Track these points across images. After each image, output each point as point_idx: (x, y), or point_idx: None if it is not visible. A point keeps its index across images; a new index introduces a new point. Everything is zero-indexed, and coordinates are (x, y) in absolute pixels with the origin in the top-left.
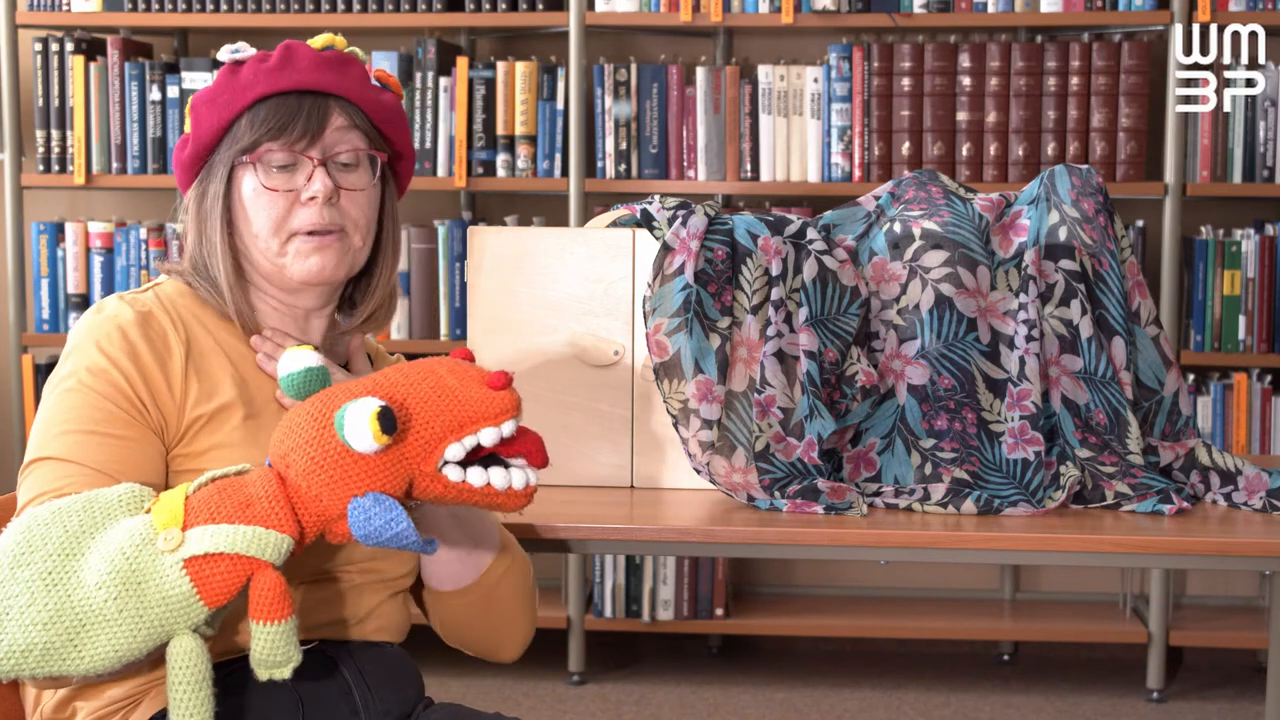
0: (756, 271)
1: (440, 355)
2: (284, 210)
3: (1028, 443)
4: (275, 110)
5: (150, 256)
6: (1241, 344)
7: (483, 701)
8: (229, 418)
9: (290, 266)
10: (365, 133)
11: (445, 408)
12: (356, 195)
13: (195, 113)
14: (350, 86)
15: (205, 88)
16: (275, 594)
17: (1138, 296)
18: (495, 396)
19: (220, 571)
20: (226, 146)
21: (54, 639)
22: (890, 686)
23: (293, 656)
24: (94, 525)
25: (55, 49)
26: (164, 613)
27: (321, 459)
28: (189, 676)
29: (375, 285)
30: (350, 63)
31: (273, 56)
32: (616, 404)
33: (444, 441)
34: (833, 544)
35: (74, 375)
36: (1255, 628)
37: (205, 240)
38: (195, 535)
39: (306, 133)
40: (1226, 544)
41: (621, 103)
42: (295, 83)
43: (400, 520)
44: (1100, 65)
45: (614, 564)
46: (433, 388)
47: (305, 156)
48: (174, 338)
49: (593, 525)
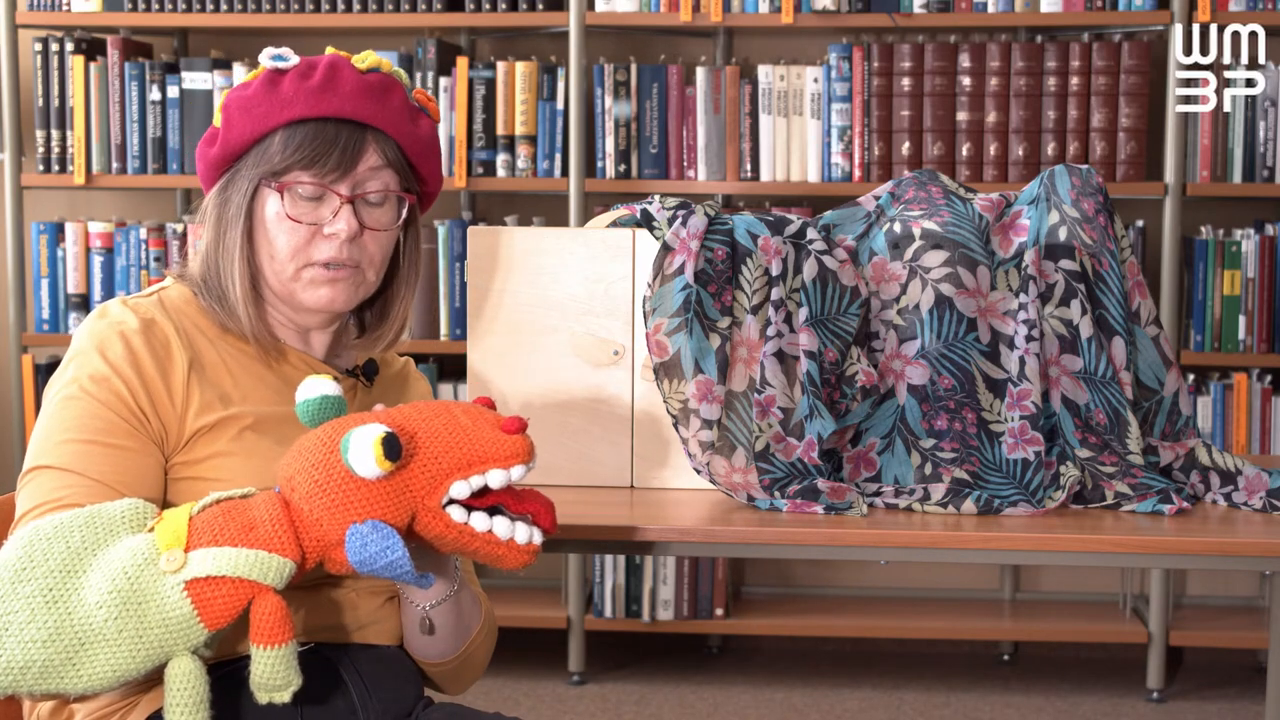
0: (756, 271)
1: (453, 400)
2: (304, 240)
3: (1028, 443)
4: (311, 137)
5: (150, 257)
6: (1241, 344)
7: (483, 701)
8: (229, 428)
9: (300, 293)
10: (398, 171)
11: (455, 444)
12: (379, 234)
13: (228, 113)
14: (390, 119)
15: (242, 89)
16: (276, 618)
17: (1138, 296)
18: (507, 440)
19: (221, 595)
20: (254, 160)
21: (53, 657)
22: (890, 686)
23: (292, 680)
24: (97, 542)
25: (55, 49)
26: (164, 634)
27: (325, 483)
28: (187, 699)
29: (394, 315)
30: (393, 88)
31: (316, 73)
32: (616, 404)
33: (451, 478)
34: (833, 544)
35: (76, 382)
36: (1255, 628)
37: (223, 250)
38: (197, 557)
39: (339, 166)
40: (1226, 544)
41: (621, 103)
42: (335, 110)
43: (396, 549)
44: (1100, 65)
45: (614, 564)
46: (445, 424)
47: (333, 191)
48: (177, 346)
49: (593, 525)
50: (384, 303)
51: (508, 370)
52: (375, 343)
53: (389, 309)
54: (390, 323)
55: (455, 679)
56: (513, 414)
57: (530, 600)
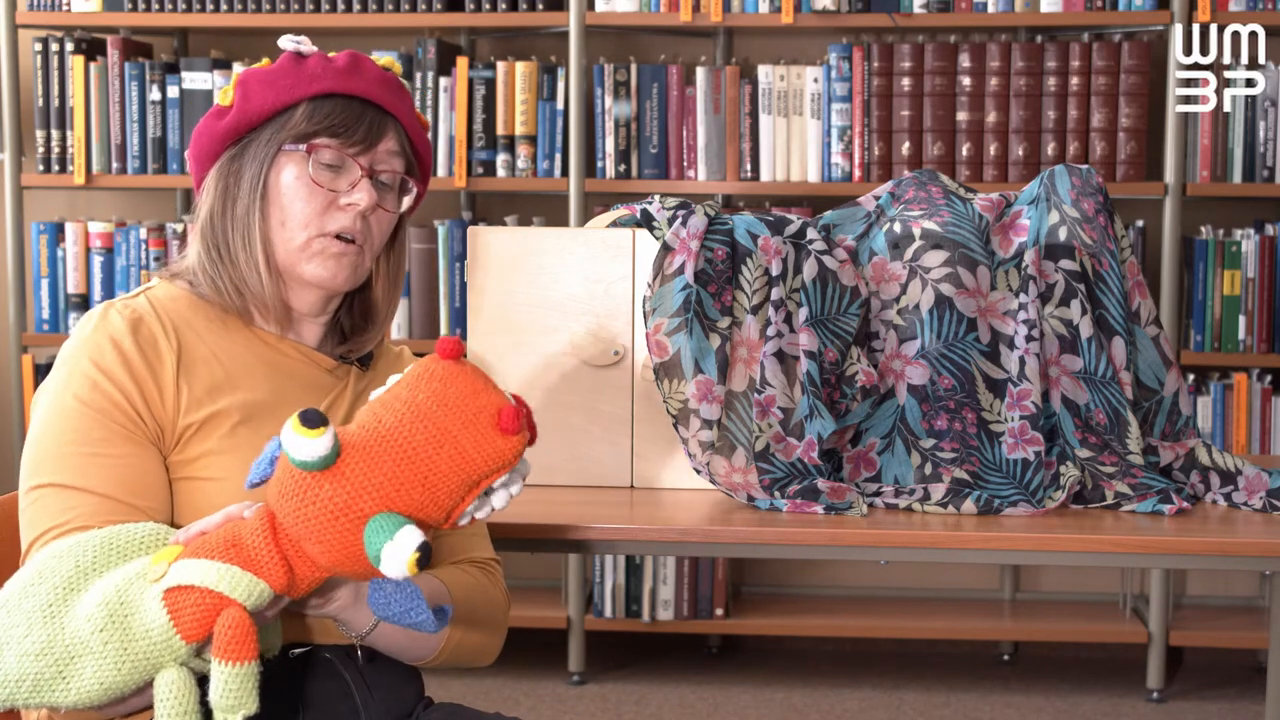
0: (756, 271)
1: (440, 389)
2: (321, 207)
3: (1028, 443)
4: (340, 109)
5: (150, 256)
6: (1241, 344)
7: (483, 701)
8: (220, 424)
9: (305, 264)
10: (408, 161)
11: (464, 476)
12: (384, 216)
13: (244, 87)
14: (405, 112)
15: (259, 67)
16: (238, 633)
17: (1138, 296)
18: (508, 446)
19: (192, 604)
20: (274, 129)
21: (44, 670)
22: (890, 686)
23: (246, 703)
24: (109, 563)
25: (55, 49)
26: (147, 646)
27: (333, 541)
28: (173, 709)
29: (381, 318)
30: (404, 90)
31: (339, 58)
32: (616, 404)
33: (462, 505)
34: (833, 544)
35: (70, 392)
36: (1255, 628)
37: (233, 216)
38: (178, 567)
39: (365, 140)
40: (1226, 544)
41: (621, 103)
42: (362, 90)
43: (421, 610)
44: (1100, 65)
45: (614, 564)
46: (450, 458)
47: (356, 162)
48: (164, 344)
49: (593, 525)
50: (365, 305)
51: (508, 371)
52: (363, 347)
53: (373, 311)
54: (376, 329)
55: (464, 661)
56: (512, 408)
57: (530, 600)
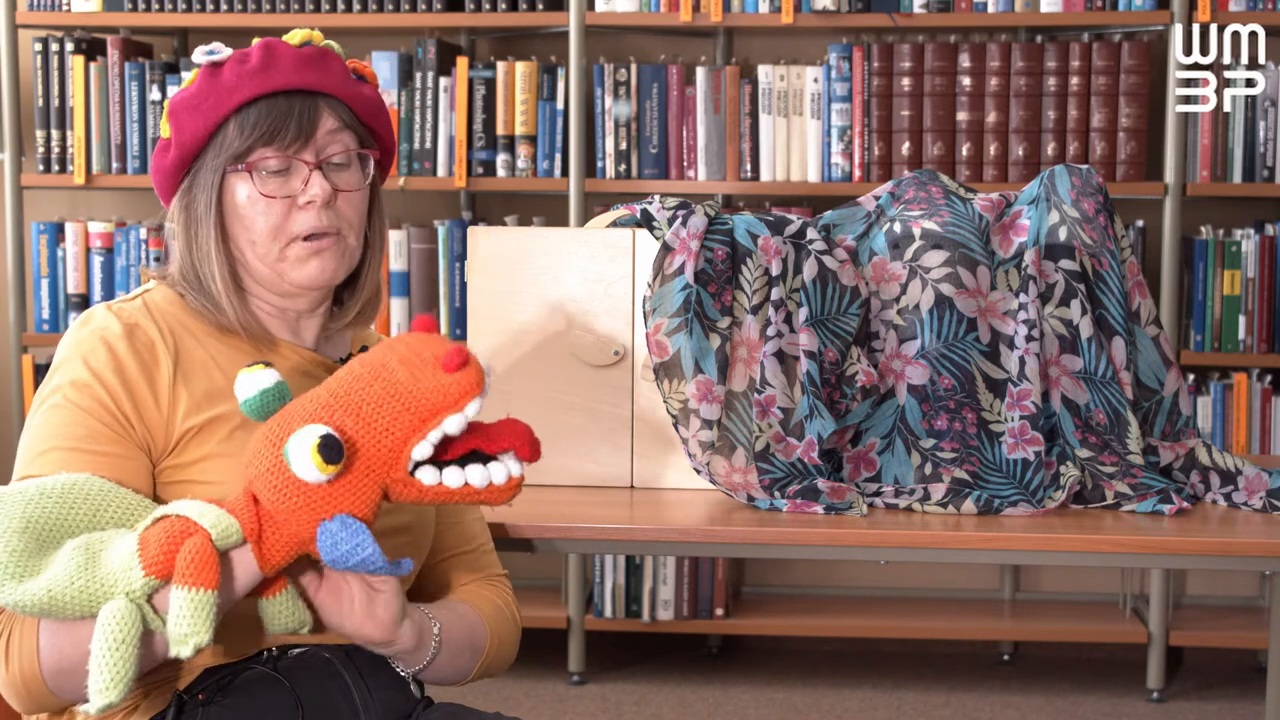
0: (756, 271)
1: (389, 346)
2: (281, 216)
3: (1028, 443)
4: (265, 114)
5: (150, 256)
6: (1241, 344)
7: (483, 701)
8: (219, 429)
9: (290, 272)
10: (355, 131)
11: (402, 407)
12: (352, 196)
13: (175, 118)
14: (334, 83)
15: (183, 91)
16: (200, 558)
17: (1138, 296)
18: (451, 381)
19: (159, 533)
20: (214, 153)
21: (7, 564)
22: (890, 686)
23: (199, 632)
24: (102, 504)
25: (55, 49)
26: (105, 574)
27: (284, 488)
28: (110, 637)
29: (364, 282)
30: (330, 57)
31: (252, 56)
32: (616, 404)
33: (408, 443)
34: (832, 544)
35: (59, 391)
36: (1255, 628)
37: (197, 249)
38: (159, 509)
39: (300, 135)
40: (1226, 544)
41: (621, 103)
42: (281, 83)
43: (366, 545)
44: (1100, 65)
45: (614, 564)
46: (385, 388)
47: (300, 160)
48: (161, 348)
49: (593, 525)
50: (356, 275)
51: (508, 371)
52: (357, 317)
53: (360, 278)
54: (363, 290)
55: (490, 675)
56: (456, 347)
57: (530, 600)
